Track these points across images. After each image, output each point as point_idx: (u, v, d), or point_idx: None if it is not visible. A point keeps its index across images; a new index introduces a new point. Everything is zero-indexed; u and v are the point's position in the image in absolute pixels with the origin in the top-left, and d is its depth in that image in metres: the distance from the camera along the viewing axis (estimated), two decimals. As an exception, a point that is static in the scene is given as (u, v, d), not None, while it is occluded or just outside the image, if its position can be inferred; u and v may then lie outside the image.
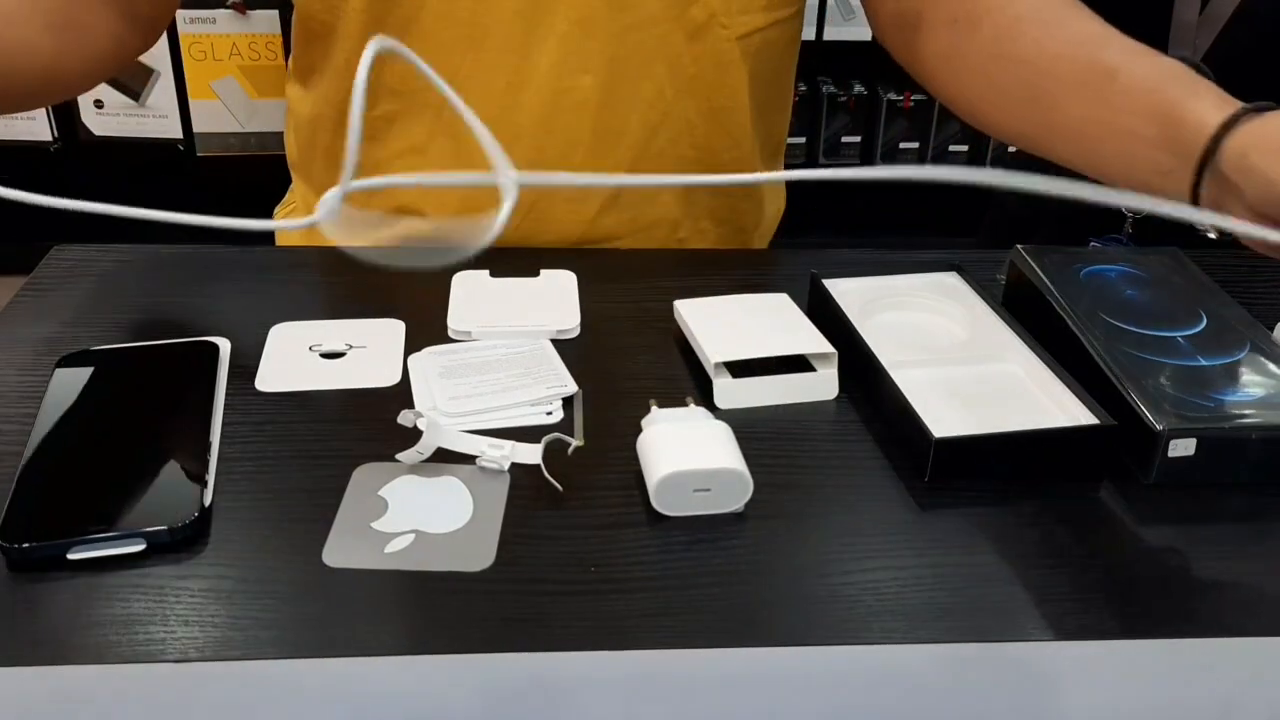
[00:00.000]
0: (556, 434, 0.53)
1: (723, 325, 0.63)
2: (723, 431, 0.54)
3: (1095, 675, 0.45)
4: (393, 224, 0.78)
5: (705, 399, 0.59)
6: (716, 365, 0.59)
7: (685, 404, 0.57)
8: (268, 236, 0.92)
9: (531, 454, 0.53)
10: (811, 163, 2.26)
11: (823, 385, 0.61)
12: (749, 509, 0.52)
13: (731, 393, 0.59)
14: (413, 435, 0.53)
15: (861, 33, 1.66)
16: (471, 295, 0.68)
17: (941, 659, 0.45)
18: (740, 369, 0.60)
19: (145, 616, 0.45)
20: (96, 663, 0.43)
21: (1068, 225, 0.93)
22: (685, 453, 0.52)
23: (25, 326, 0.64)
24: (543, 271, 0.70)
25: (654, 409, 0.56)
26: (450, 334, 0.64)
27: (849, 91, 2.19)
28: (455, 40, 0.72)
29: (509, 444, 0.54)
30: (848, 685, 0.44)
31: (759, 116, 0.81)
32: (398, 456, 0.53)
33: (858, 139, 2.24)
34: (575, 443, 0.54)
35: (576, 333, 0.65)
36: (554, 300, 0.68)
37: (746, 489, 0.52)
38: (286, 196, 0.92)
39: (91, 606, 0.46)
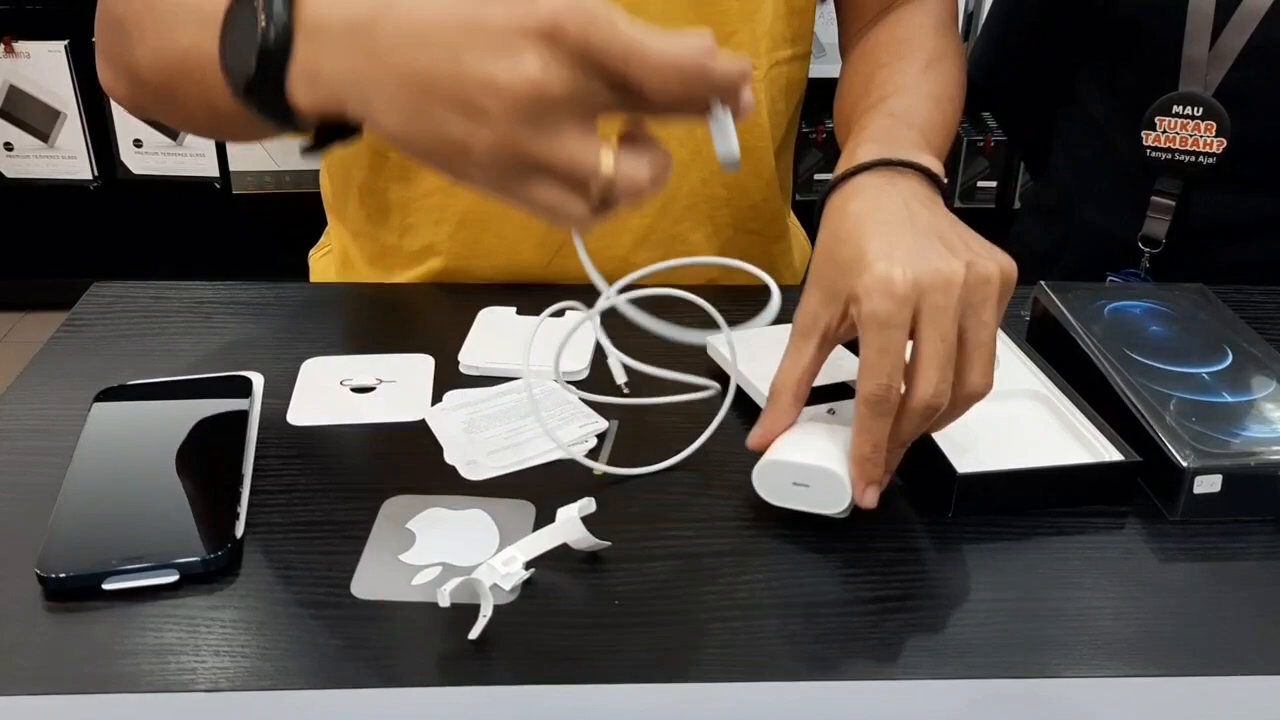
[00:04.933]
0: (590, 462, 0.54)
1: (762, 359, 0.63)
2: (842, 436, 0.53)
3: (1122, 712, 0.45)
4: (420, 264, 0.79)
5: (742, 432, 0.59)
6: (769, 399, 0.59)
7: (830, 412, 0.58)
8: (302, 273, 0.93)
9: (571, 530, 0.51)
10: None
11: None
12: (763, 543, 0.52)
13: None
14: (442, 472, 0.53)
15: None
16: (490, 332, 0.69)
17: (967, 695, 0.45)
18: None
19: (178, 646, 0.46)
20: (130, 691, 0.44)
21: (1087, 260, 0.93)
22: (791, 443, 0.53)
23: (65, 361, 0.66)
24: (568, 311, 0.71)
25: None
26: (460, 369, 0.65)
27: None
28: None
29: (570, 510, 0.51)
30: (870, 720, 0.44)
31: (778, 153, 0.82)
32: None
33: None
34: (599, 469, 0.54)
35: (585, 375, 0.66)
36: (569, 341, 0.68)
37: (845, 494, 0.51)
38: (322, 240, 0.93)
39: (126, 636, 0.46)
